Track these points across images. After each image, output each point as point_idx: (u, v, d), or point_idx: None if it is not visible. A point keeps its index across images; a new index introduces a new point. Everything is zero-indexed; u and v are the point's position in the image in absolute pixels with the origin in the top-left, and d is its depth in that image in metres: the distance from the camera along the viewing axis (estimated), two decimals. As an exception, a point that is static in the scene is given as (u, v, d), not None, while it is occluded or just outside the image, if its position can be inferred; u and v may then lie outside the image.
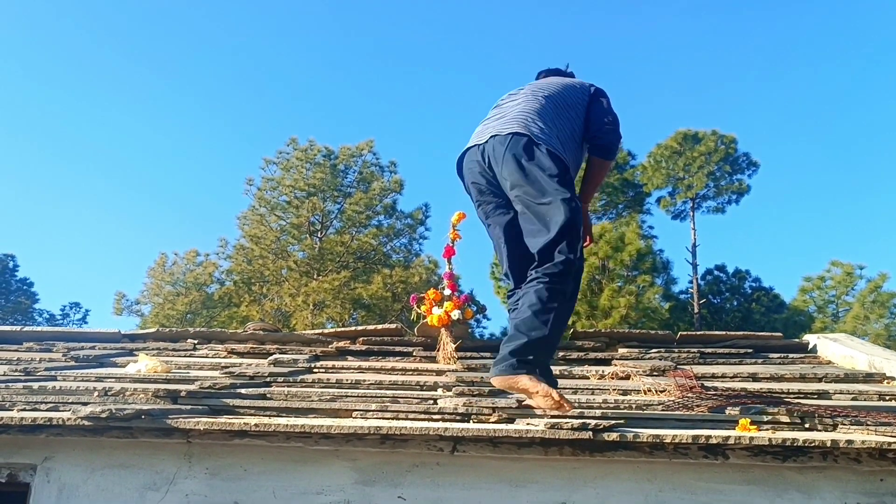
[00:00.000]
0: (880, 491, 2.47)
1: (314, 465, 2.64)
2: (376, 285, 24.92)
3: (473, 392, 3.18)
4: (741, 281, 31.08)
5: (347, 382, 3.43)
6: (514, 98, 3.41)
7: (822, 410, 2.83)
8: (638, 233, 24.11)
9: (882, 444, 2.36)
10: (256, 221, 28.47)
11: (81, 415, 2.49)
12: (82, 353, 4.15)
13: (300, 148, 28.70)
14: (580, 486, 2.55)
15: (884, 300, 27.62)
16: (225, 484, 2.63)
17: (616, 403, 3.05)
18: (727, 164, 29.94)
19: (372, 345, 4.40)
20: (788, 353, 4.53)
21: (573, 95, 3.40)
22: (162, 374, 3.50)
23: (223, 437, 2.61)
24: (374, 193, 28.29)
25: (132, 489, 2.64)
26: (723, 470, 2.53)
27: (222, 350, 4.41)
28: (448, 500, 2.56)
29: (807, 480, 2.50)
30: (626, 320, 20.93)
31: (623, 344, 4.61)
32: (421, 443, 2.57)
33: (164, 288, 31.78)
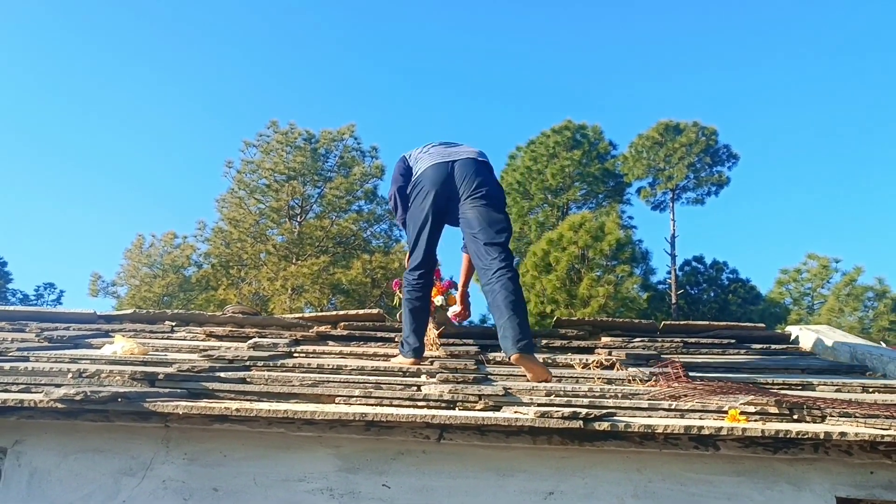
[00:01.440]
0: (870, 483, 2.45)
1: (296, 452, 2.57)
2: (356, 271, 24.78)
3: (458, 379, 3.13)
4: (719, 272, 31.28)
5: (329, 367, 3.37)
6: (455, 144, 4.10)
7: (809, 402, 2.80)
8: (618, 223, 24.13)
9: (874, 436, 2.33)
10: (235, 204, 28.15)
11: (54, 397, 2.40)
12: (56, 334, 4.04)
13: (280, 131, 28.39)
14: (568, 475, 2.51)
15: (858, 293, 27.90)
16: (204, 470, 2.56)
17: (602, 392, 3.01)
18: (707, 156, 30.07)
19: (353, 330, 4.35)
20: (771, 343, 4.52)
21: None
22: (139, 357, 3.41)
23: (202, 422, 2.53)
24: (355, 178, 28.06)
25: (107, 474, 2.56)
26: (713, 461, 2.49)
27: (200, 333, 4.33)
28: (434, 488, 2.51)
29: (797, 472, 2.47)
30: (605, 309, 20.97)
31: (606, 332, 4.58)
32: (407, 430, 2.51)
33: (141, 270, 31.39)
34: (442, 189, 3.81)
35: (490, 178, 3.88)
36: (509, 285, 3.45)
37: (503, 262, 3.55)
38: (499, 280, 3.48)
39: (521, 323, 3.35)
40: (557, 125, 30.16)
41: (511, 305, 3.39)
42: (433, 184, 3.83)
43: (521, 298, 3.48)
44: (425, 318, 3.86)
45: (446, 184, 3.81)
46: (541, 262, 22.66)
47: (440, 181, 3.82)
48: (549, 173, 29.20)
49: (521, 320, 3.37)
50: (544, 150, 29.90)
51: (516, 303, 3.41)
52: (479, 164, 3.88)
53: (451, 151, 3.96)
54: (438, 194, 3.81)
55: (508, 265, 3.54)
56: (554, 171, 29.09)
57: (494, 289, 3.48)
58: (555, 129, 30.08)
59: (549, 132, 30.20)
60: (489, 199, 3.76)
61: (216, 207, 29.01)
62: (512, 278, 3.49)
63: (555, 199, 29.80)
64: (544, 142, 30.08)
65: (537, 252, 22.78)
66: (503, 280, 3.47)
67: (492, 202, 3.76)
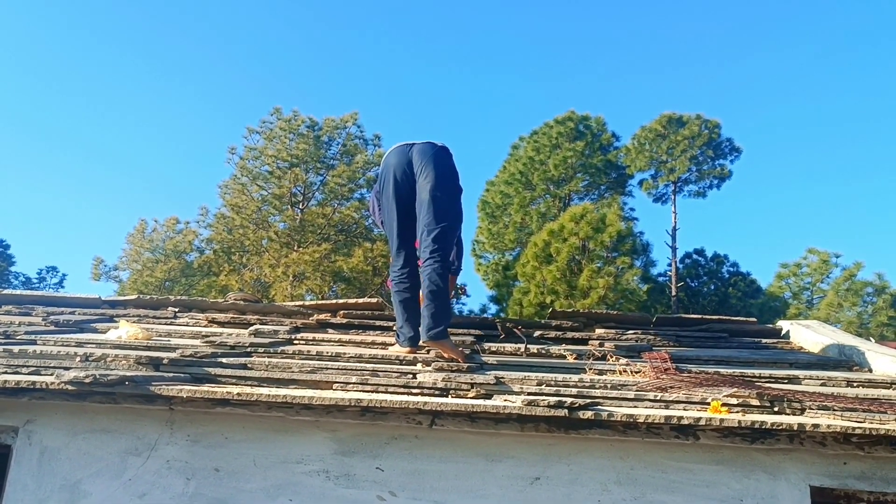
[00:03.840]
0: (843, 474, 2.55)
1: (295, 435, 2.68)
2: (357, 259, 24.86)
3: (452, 368, 3.23)
4: (719, 265, 31.32)
5: (328, 355, 3.47)
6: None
7: (791, 395, 2.90)
8: (619, 214, 24.16)
9: (847, 428, 2.44)
10: (238, 191, 28.22)
11: (65, 379, 2.51)
12: (62, 318, 4.15)
13: (284, 118, 28.42)
14: (554, 461, 2.62)
15: (857, 289, 27.96)
16: (206, 451, 2.67)
17: (592, 382, 3.11)
18: (710, 149, 30.06)
19: (352, 318, 4.42)
20: (762, 337, 4.61)
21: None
22: (143, 342, 3.51)
23: (205, 405, 2.64)
24: (358, 166, 28.10)
25: (114, 454, 2.67)
26: (693, 450, 2.60)
27: (203, 319, 4.42)
28: (425, 472, 2.62)
29: (773, 462, 2.57)
30: (605, 301, 21.05)
31: (600, 325, 4.66)
32: (400, 416, 2.62)
33: (143, 254, 31.55)
34: (400, 172, 3.86)
35: (445, 162, 3.91)
36: (432, 276, 3.63)
37: (432, 252, 3.66)
38: (424, 269, 3.67)
39: (434, 313, 3.55)
40: (561, 116, 30.16)
41: (429, 295, 3.60)
42: (391, 168, 3.90)
43: (442, 289, 3.64)
44: (416, 306, 3.86)
45: (404, 167, 3.86)
46: (542, 252, 22.71)
47: (398, 164, 3.87)
48: (552, 164, 29.21)
49: (436, 310, 3.56)
50: (547, 140, 29.90)
51: (435, 293, 3.60)
52: (437, 148, 3.92)
53: (414, 142, 4.00)
54: (397, 177, 3.86)
55: (436, 256, 3.66)
56: (556, 162, 29.10)
57: (422, 277, 3.69)
58: (558, 120, 30.08)
59: (552, 123, 30.20)
60: (438, 181, 3.78)
61: (219, 193, 29.11)
62: (435, 269, 3.64)
63: (557, 190, 29.83)
64: (547, 132, 30.08)
65: (538, 243, 22.82)
66: (427, 270, 3.65)
67: (440, 184, 3.78)
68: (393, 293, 3.92)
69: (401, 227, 3.90)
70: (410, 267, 3.89)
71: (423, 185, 3.77)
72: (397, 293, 3.88)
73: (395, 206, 3.88)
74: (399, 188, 3.86)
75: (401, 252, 3.90)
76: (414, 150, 3.89)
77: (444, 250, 3.71)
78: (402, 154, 3.91)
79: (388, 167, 3.93)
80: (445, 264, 3.70)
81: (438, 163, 3.87)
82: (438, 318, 3.54)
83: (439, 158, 3.90)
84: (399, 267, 3.90)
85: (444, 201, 3.79)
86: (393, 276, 3.93)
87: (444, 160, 3.92)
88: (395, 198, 3.87)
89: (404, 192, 3.86)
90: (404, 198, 3.87)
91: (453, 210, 3.85)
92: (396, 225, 3.89)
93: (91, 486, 2.65)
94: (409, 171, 3.85)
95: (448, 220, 3.78)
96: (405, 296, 3.85)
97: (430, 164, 3.81)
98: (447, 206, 3.80)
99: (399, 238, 3.90)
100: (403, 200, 3.87)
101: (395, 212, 3.88)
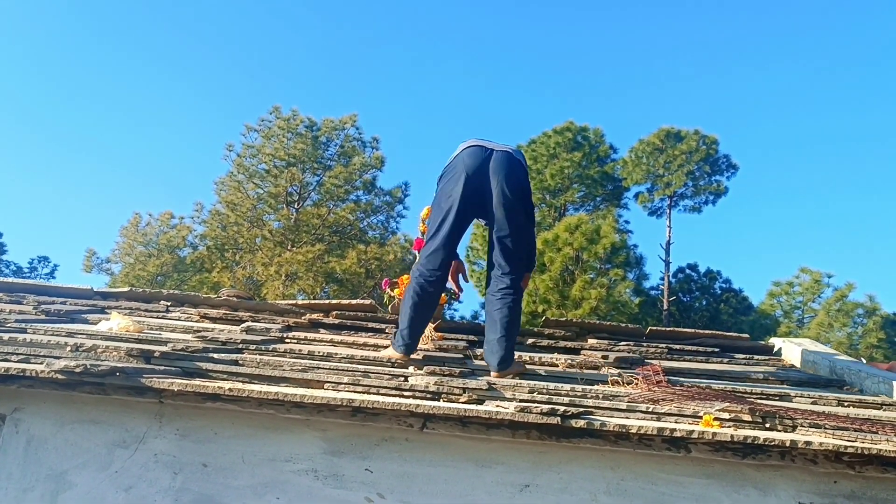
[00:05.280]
0: (833, 492, 2.55)
1: (284, 433, 2.66)
2: (350, 260, 24.83)
3: (444, 372, 3.21)
4: (712, 281, 31.41)
5: (319, 354, 3.45)
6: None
7: (782, 411, 2.90)
8: (614, 226, 24.24)
9: (838, 447, 2.44)
10: (234, 188, 28.18)
11: (55, 368, 2.49)
12: (53, 308, 4.13)
13: (283, 117, 28.41)
14: (544, 469, 2.61)
15: (848, 309, 28.06)
16: (195, 446, 2.65)
17: (584, 392, 3.10)
18: (707, 165, 30.15)
19: (345, 319, 4.41)
20: (754, 354, 4.61)
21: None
22: (134, 334, 3.49)
23: (195, 400, 2.62)
24: (355, 168, 28.10)
25: (101, 445, 2.65)
26: (684, 463, 2.59)
27: (195, 314, 4.41)
28: (414, 475, 2.60)
29: (764, 478, 2.57)
30: (596, 312, 21.10)
31: (593, 335, 4.66)
32: (391, 418, 2.61)
33: (136, 248, 31.43)
34: (475, 175, 3.55)
35: (525, 181, 3.68)
36: (513, 307, 3.50)
37: (512, 282, 3.55)
38: (503, 299, 3.52)
39: (508, 346, 3.42)
40: (559, 126, 30.26)
41: (505, 327, 3.44)
42: (466, 168, 3.57)
43: (517, 321, 3.54)
44: (428, 316, 3.65)
45: (480, 171, 3.56)
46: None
47: (474, 166, 3.56)
48: (549, 174, 29.27)
49: (510, 343, 3.45)
50: (545, 150, 29.98)
51: (510, 325, 3.46)
52: (516, 162, 3.65)
53: (491, 142, 3.71)
54: (470, 179, 3.55)
55: (516, 287, 3.55)
56: (553, 172, 29.17)
57: (495, 305, 3.52)
58: (556, 130, 30.16)
59: (550, 132, 30.29)
60: (521, 203, 3.60)
61: (214, 190, 29.08)
62: (515, 300, 3.52)
63: (552, 200, 29.90)
64: (545, 142, 30.16)
65: (532, 252, 22.83)
66: (507, 300, 3.51)
67: (523, 206, 3.62)
68: (411, 293, 3.59)
69: (452, 231, 3.60)
70: (442, 273, 3.62)
71: (506, 201, 3.53)
72: (417, 294, 3.55)
73: (456, 209, 3.56)
74: (466, 191, 3.55)
75: (438, 254, 3.58)
76: (494, 158, 3.59)
77: (521, 280, 3.65)
78: (478, 157, 3.59)
79: (460, 165, 3.61)
80: (521, 296, 3.63)
81: (524, 183, 3.68)
82: (511, 350, 3.46)
83: (523, 176, 3.69)
84: (432, 268, 3.58)
85: (529, 228, 3.72)
86: (422, 273, 3.59)
87: (525, 176, 3.72)
88: (460, 200, 3.55)
89: (470, 197, 3.56)
90: (468, 201, 3.58)
91: (533, 229, 3.79)
92: (449, 227, 3.58)
93: (77, 478, 2.63)
94: (483, 178, 3.56)
95: (532, 245, 3.77)
96: (423, 300, 3.56)
97: (517, 178, 3.60)
98: (531, 232, 3.74)
99: (445, 241, 3.59)
100: (467, 206, 3.59)
101: (453, 214, 3.56)
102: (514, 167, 3.63)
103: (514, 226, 3.57)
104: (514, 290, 3.55)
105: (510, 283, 3.56)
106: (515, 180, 3.59)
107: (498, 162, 3.58)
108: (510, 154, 3.65)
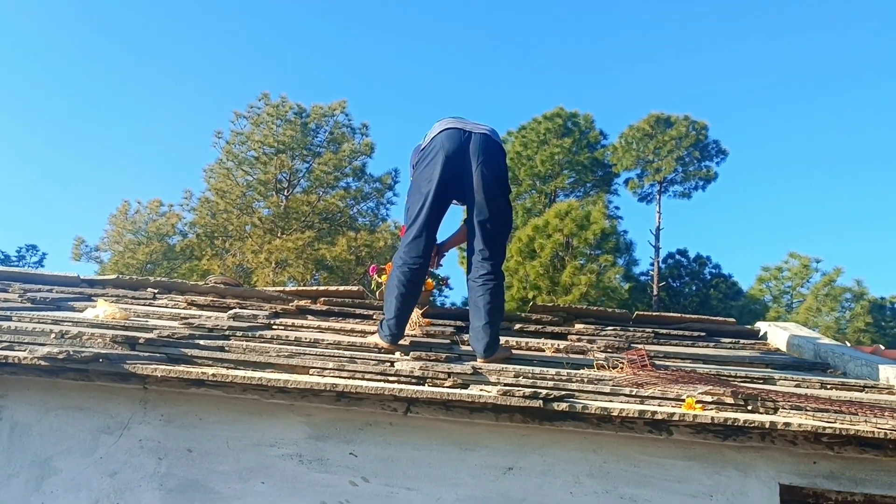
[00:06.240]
0: (812, 473, 2.58)
1: (269, 418, 2.67)
2: (340, 247, 24.81)
3: (430, 357, 3.23)
4: (701, 266, 31.54)
5: (306, 341, 3.46)
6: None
7: (765, 394, 2.92)
8: (604, 212, 24.27)
9: (817, 428, 2.46)
10: (223, 175, 28.06)
11: (38, 355, 2.49)
12: (39, 295, 4.11)
13: (272, 104, 28.26)
14: (528, 452, 2.63)
15: (836, 294, 28.24)
16: (179, 431, 2.66)
17: (568, 376, 3.12)
18: (697, 150, 30.23)
19: (332, 305, 4.41)
20: (740, 338, 4.64)
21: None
22: (120, 321, 3.48)
23: (180, 386, 2.63)
24: (344, 155, 28.01)
25: (86, 431, 2.66)
26: (666, 445, 2.62)
27: (182, 301, 4.40)
28: (398, 458, 2.62)
29: (745, 459, 2.60)
30: (586, 298, 21.14)
31: (580, 320, 4.68)
32: (375, 402, 2.62)
33: (126, 236, 31.29)
34: (454, 158, 3.51)
35: (504, 164, 3.68)
36: (495, 292, 3.49)
37: (493, 268, 3.52)
38: (484, 285, 3.49)
39: (493, 332, 3.41)
40: (549, 112, 30.24)
41: (489, 314, 3.43)
42: (445, 150, 3.52)
43: (501, 306, 3.52)
44: (412, 303, 3.60)
45: (459, 154, 3.51)
46: (525, 247, 22.78)
47: (453, 148, 3.51)
48: (539, 160, 29.26)
49: (494, 329, 3.43)
50: (535, 136, 29.96)
51: (493, 311, 3.45)
52: (495, 145, 3.62)
53: (469, 123, 3.66)
54: (449, 161, 3.50)
55: (497, 272, 3.53)
56: (543, 158, 29.16)
57: (478, 291, 3.50)
58: (546, 116, 30.14)
59: (540, 118, 30.26)
60: (500, 188, 3.57)
61: (203, 177, 28.97)
62: (497, 286, 3.51)
63: (543, 186, 29.91)
64: (535, 128, 30.14)
65: (522, 238, 22.89)
66: (489, 286, 3.49)
67: (502, 190, 3.59)
68: (394, 282, 3.54)
69: (432, 216, 3.55)
70: (425, 259, 3.56)
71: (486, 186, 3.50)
72: (401, 283, 3.51)
73: (435, 194, 3.51)
74: (445, 175, 3.50)
75: (420, 240, 3.53)
76: (473, 141, 3.54)
77: (501, 264, 3.61)
78: (456, 139, 3.54)
79: (439, 148, 3.55)
80: (503, 280, 3.60)
81: (503, 166, 3.67)
82: (497, 335, 3.44)
83: (502, 159, 3.67)
84: (415, 256, 3.52)
85: (509, 212, 3.69)
86: (404, 260, 3.53)
87: (504, 158, 3.71)
88: (438, 182, 3.50)
89: (450, 181, 3.53)
90: (448, 185, 3.54)
91: (511, 213, 3.75)
92: (428, 212, 3.53)
93: (62, 463, 2.63)
94: (462, 161, 3.52)
95: (510, 226, 3.72)
96: (407, 288, 3.51)
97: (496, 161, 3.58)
98: (510, 216, 3.72)
99: (425, 225, 3.53)
100: (446, 188, 3.54)
101: (432, 198, 3.51)
102: (494, 150, 3.60)
103: (495, 209, 3.54)
104: (495, 275, 3.53)
105: (491, 268, 3.52)
106: (495, 163, 3.58)
107: (477, 144, 3.54)
108: (489, 136, 3.61)
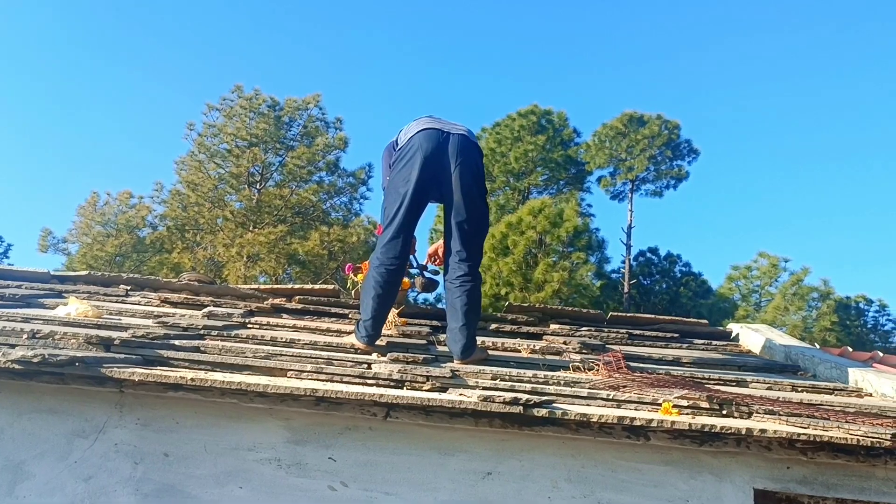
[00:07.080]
0: (786, 478, 2.62)
1: (247, 422, 2.65)
2: (313, 242, 24.70)
3: (408, 359, 3.22)
4: (672, 265, 31.87)
5: (282, 340, 3.44)
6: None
7: (739, 398, 2.96)
8: (576, 210, 24.42)
9: (791, 434, 2.50)
10: (195, 168, 27.78)
11: (12, 358, 2.43)
12: (7, 292, 4.04)
13: (245, 96, 28.04)
14: (507, 457, 2.63)
15: (804, 293, 28.73)
16: (156, 435, 2.63)
17: (546, 379, 3.14)
18: (669, 150, 30.55)
19: (308, 304, 4.40)
20: (712, 339, 4.71)
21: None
22: (92, 319, 3.44)
23: (157, 389, 2.59)
24: (318, 149, 27.88)
25: (60, 435, 2.61)
26: (643, 450, 2.64)
27: (155, 298, 4.35)
28: (378, 463, 2.61)
29: (720, 464, 2.62)
30: (559, 295, 21.29)
31: (555, 320, 4.72)
32: (355, 407, 2.61)
33: (94, 228, 30.87)
34: (432, 157, 3.51)
35: (481, 165, 3.70)
36: (472, 293, 3.50)
37: (470, 269, 3.54)
38: (461, 286, 3.51)
39: (469, 333, 3.43)
40: (524, 109, 30.35)
41: (465, 315, 3.45)
42: (423, 150, 3.52)
43: (477, 308, 3.54)
44: (389, 304, 3.60)
45: (437, 153, 3.52)
46: (499, 244, 22.85)
47: (431, 149, 3.51)
48: (513, 157, 29.37)
49: (471, 330, 3.45)
50: (509, 133, 30.05)
51: (470, 313, 3.47)
52: (473, 145, 3.64)
53: (446, 123, 3.68)
54: (427, 161, 3.50)
55: (474, 273, 3.55)
56: (517, 155, 29.27)
57: (455, 293, 3.51)
58: (521, 113, 30.24)
59: (514, 115, 30.36)
60: (478, 189, 3.59)
61: (175, 169, 28.67)
62: (474, 287, 3.53)
63: (516, 183, 30.02)
64: (510, 125, 30.23)
65: (496, 234, 22.95)
66: (466, 287, 3.50)
67: (480, 191, 3.61)
68: (371, 283, 3.53)
69: (409, 215, 3.54)
70: (402, 260, 3.57)
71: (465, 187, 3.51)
72: (378, 284, 3.49)
73: (412, 195, 3.50)
74: (423, 176, 3.50)
75: (397, 240, 3.52)
76: (451, 142, 3.54)
77: (478, 265, 3.63)
78: (434, 140, 3.54)
79: (416, 147, 3.55)
80: (480, 282, 3.62)
81: (481, 167, 3.70)
82: (474, 336, 3.46)
83: (479, 160, 3.69)
84: (392, 257, 3.51)
85: (486, 213, 3.73)
86: (381, 261, 3.52)
87: (481, 159, 3.74)
88: (416, 183, 3.49)
89: (428, 181, 3.53)
90: (426, 186, 3.53)
91: (488, 222, 3.78)
92: (406, 213, 3.52)
93: (35, 468, 2.59)
94: (441, 162, 3.52)
95: (487, 229, 3.73)
96: (384, 290, 3.50)
97: (473, 162, 3.59)
98: (487, 218, 3.74)
99: (402, 226, 3.53)
100: (424, 189, 3.54)
101: (409, 199, 3.50)
102: (472, 151, 3.63)
103: (474, 211, 3.55)
104: (472, 276, 3.55)
105: (468, 269, 3.54)
106: (474, 164, 3.60)
107: (456, 145, 3.55)
108: (467, 137, 3.63)
